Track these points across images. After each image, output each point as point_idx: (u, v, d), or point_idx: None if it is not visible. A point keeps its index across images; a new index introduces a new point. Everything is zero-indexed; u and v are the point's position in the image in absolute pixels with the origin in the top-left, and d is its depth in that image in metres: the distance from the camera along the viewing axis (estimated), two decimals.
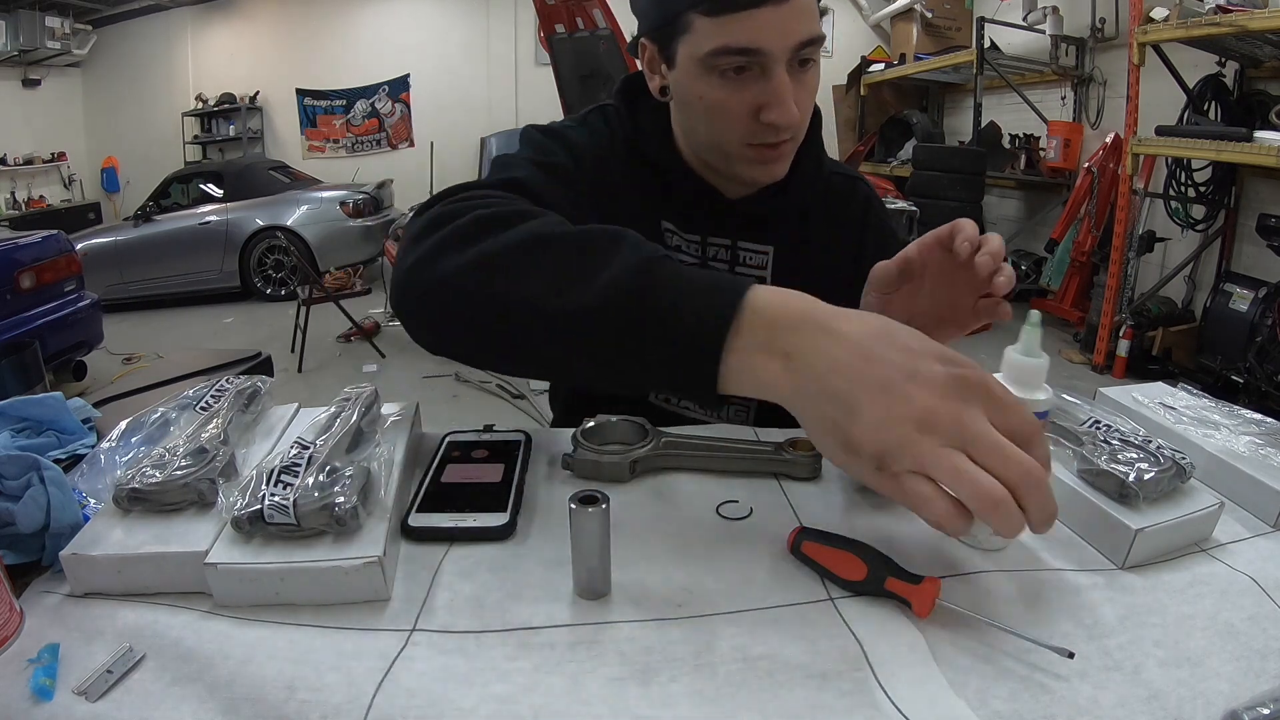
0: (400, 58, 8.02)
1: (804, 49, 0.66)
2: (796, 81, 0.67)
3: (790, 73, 0.66)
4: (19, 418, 0.67)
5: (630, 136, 0.81)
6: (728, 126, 0.69)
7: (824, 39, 0.68)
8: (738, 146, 0.71)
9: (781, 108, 0.66)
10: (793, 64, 0.66)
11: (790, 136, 0.70)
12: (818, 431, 0.44)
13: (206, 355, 1.64)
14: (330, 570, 0.48)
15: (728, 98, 0.67)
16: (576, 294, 0.48)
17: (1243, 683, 0.43)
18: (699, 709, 0.41)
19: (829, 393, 0.43)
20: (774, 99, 0.66)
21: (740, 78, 0.66)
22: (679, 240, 0.80)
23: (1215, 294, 3.80)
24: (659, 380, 0.48)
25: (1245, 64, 3.76)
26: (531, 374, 0.60)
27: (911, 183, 5.33)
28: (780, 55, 0.65)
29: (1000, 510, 0.39)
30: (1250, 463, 0.61)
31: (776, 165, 0.73)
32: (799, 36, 0.64)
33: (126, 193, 8.01)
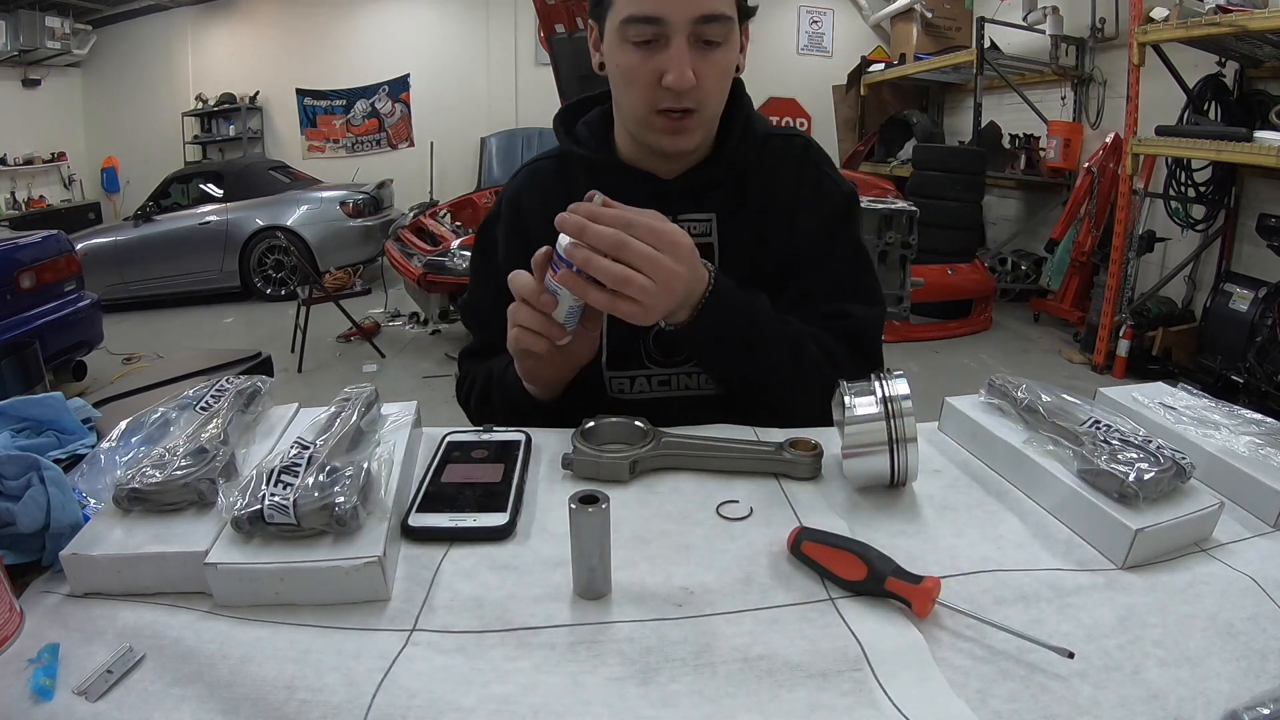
0: (400, 58, 8.03)
1: (705, 24, 0.73)
2: (702, 58, 0.74)
3: (695, 49, 0.74)
4: (19, 418, 0.67)
5: (565, 153, 0.91)
6: (638, 93, 0.78)
7: (730, 20, 0.75)
8: (647, 113, 0.78)
9: (677, 72, 0.73)
10: (695, 40, 0.74)
11: (693, 107, 0.77)
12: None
13: (206, 355, 1.64)
14: (330, 570, 0.48)
15: (637, 64, 0.75)
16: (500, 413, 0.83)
17: (1243, 683, 0.43)
18: (699, 709, 0.41)
19: None
20: (671, 64, 0.73)
21: (649, 48, 0.75)
22: None
23: (1215, 294, 3.80)
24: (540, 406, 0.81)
25: (1245, 64, 3.76)
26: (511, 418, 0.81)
27: (911, 183, 5.34)
28: (680, 26, 0.72)
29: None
30: (1250, 463, 0.60)
31: (683, 137, 0.79)
32: (698, 10, 0.72)
33: (126, 193, 8.01)
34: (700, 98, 0.76)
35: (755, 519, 0.58)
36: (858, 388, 0.61)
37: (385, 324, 4.98)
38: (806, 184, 0.87)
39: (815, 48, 8.06)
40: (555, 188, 0.90)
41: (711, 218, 0.86)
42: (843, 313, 0.84)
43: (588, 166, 0.88)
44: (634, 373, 0.88)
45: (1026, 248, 5.56)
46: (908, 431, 0.58)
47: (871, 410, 0.59)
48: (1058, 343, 4.57)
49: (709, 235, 0.85)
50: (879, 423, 0.58)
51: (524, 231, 0.89)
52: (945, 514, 0.59)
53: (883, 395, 0.59)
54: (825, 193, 0.87)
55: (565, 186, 0.88)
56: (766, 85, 7.37)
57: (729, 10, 0.74)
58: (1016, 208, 6.00)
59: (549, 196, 0.88)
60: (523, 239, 0.87)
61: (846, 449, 0.59)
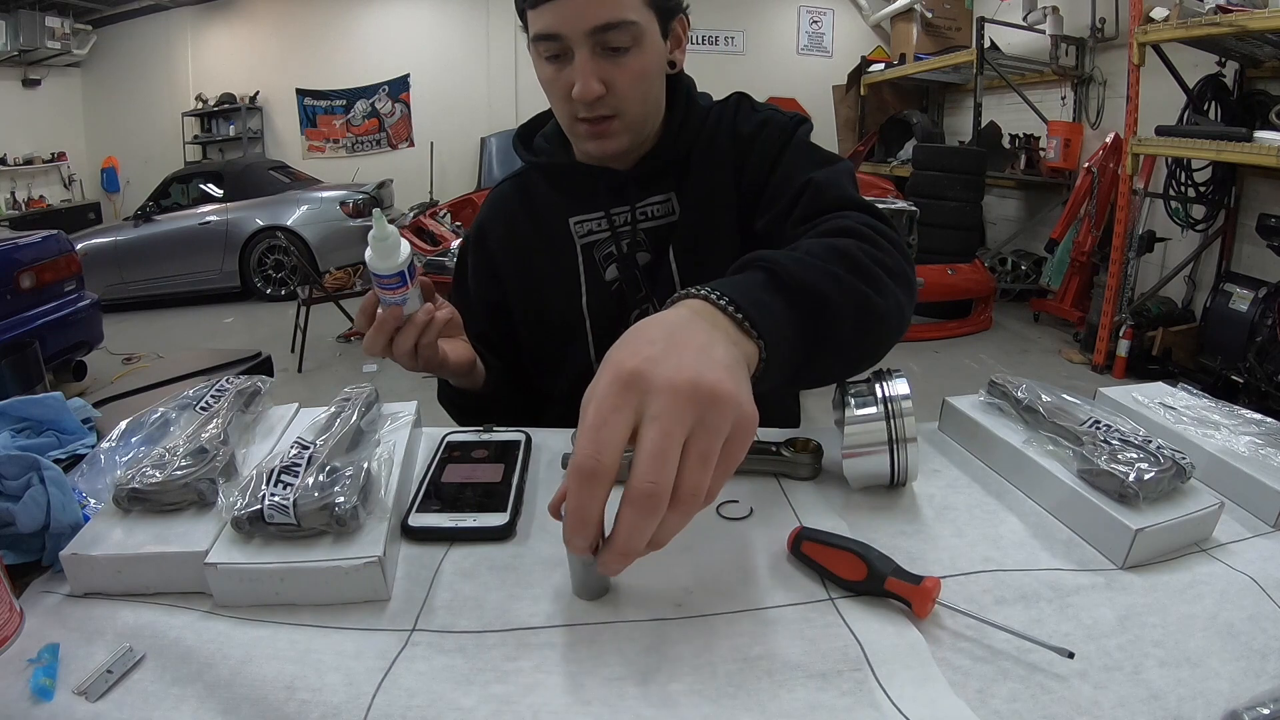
0: (400, 58, 8.02)
1: (604, 33, 0.73)
2: (611, 65, 0.75)
3: (603, 57, 0.75)
4: (19, 418, 0.67)
5: (527, 169, 0.94)
6: (557, 105, 0.81)
7: (634, 25, 0.74)
8: (570, 123, 0.81)
9: (580, 84, 0.74)
10: (600, 49, 0.75)
11: (611, 114, 0.78)
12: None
13: (206, 355, 1.63)
14: (330, 570, 0.48)
15: (552, 78, 0.78)
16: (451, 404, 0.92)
17: (1243, 683, 0.42)
18: (699, 709, 0.41)
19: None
20: (575, 76, 0.75)
21: (558, 61, 0.77)
22: (588, 225, 0.90)
23: (1215, 294, 3.80)
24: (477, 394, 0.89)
25: (1245, 64, 3.76)
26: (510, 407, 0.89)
27: (911, 183, 5.33)
28: (577, 39, 0.74)
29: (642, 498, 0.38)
30: (1250, 463, 0.60)
31: (607, 141, 0.81)
32: (593, 20, 0.73)
33: (126, 193, 8.01)
34: (616, 104, 0.77)
35: (755, 519, 0.58)
36: (858, 388, 0.61)
37: None
38: (744, 125, 0.87)
39: (815, 48, 8.05)
40: (517, 206, 0.94)
41: (671, 195, 0.88)
42: (803, 185, 0.76)
43: (548, 174, 0.91)
44: None
45: (1026, 248, 5.56)
46: (908, 431, 0.58)
47: (871, 410, 0.59)
48: (1058, 343, 4.56)
49: (672, 214, 0.88)
50: (879, 423, 0.58)
51: (490, 259, 0.94)
52: (945, 514, 0.59)
53: (883, 395, 0.59)
54: (765, 125, 0.85)
55: (527, 202, 0.94)
56: (766, 85, 7.37)
57: (631, 15, 0.74)
58: (1016, 208, 6.00)
59: (512, 218, 0.94)
60: (489, 265, 0.94)
61: (846, 449, 0.59)
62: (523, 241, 0.93)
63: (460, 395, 0.87)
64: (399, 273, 0.65)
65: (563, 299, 0.90)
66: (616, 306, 0.90)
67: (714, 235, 0.86)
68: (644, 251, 0.89)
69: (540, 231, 0.91)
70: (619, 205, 0.88)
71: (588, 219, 0.90)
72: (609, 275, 0.89)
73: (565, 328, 0.90)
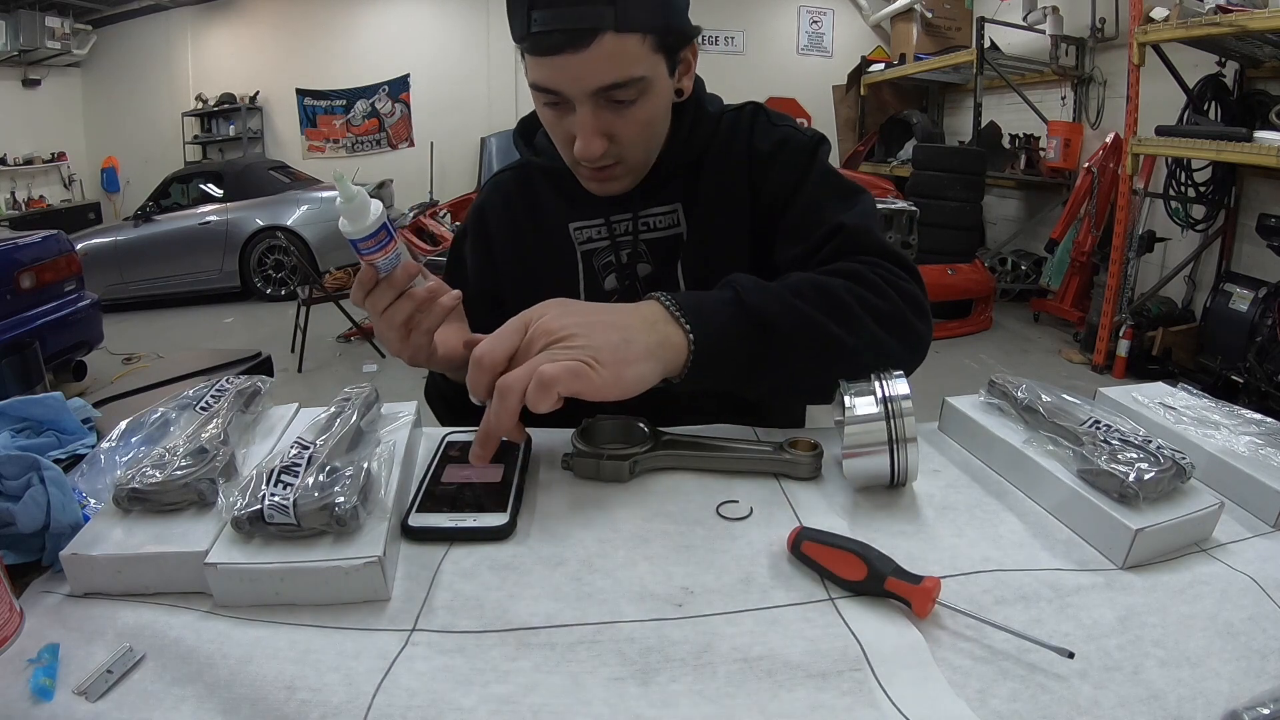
0: (400, 58, 8.02)
1: (609, 91, 0.69)
2: (616, 116, 0.72)
3: (605, 109, 0.71)
4: (19, 418, 0.67)
5: (525, 165, 0.89)
6: (559, 145, 0.78)
7: (640, 80, 0.70)
8: (572, 164, 0.79)
9: (582, 142, 0.72)
10: (603, 102, 0.71)
11: (614, 160, 0.76)
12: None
13: (206, 355, 1.63)
14: (330, 570, 0.48)
15: (554, 122, 0.75)
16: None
17: (1243, 683, 0.42)
18: (699, 709, 0.41)
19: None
20: (578, 132, 0.72)
21: (558, 109, 0.73)
22: (588, 232, 0.87)
23: (1215, 294, 3.80)
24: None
25: (1245, 64, 3.76)
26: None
27: (911, 183, 5.33)
28: (580, 97, 0.70)
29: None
30: (1250, 463, 0.60)
31: (611, 184, 0.80)
32: (596, 83, 0.68)
33: (126, 193, 8.01)
34: (620, 152, 0.75)
35: (755, 519, 0.58)
36: (858, 388, 0.61)
37: None
38: (761, 141, 0.84)
39: (815, 48, 8.05)
40: (517, 198, 0.90)
41: (677, 207, 0.85)
42: (834, 229, 0.75)
43: (548, 175, 0.88)
44: None
45: (1026, 248, 5.56)
46: (908, 431, 0.58)
47: (871, 410, 0.59)
48: (1058, 343, 4.57)
49: (677, 225, 0.85)
50: (879, 423, 0.58)
51: (488, 244, 0.91)
52: (945, 514, 0.59)
53: (883, 395, 0.59)
54: (784, 142, 0.83)
55: (528, 196, 0.90)
56: (766, 85, 7.38)
57: (639, 70, 0.69)
58: (1016, 208, 6.00)
59: (511, 207, 0.90)
60: (487, 251, 0.91)
61: (846, 449, 0.59)
62: (522, 237, 0.89)
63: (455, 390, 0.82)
64: (376, 231, 0.61)
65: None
66: None
67: (725, 250, 0.83)
68: (645, 263, 0.86)
69: (540, 232, 0.89)
70: (620, 213, 0.85)
71: (588, 225, 0.87)
72: (608, 285, 0.87)
73: None
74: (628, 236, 0.86)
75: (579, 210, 0.87)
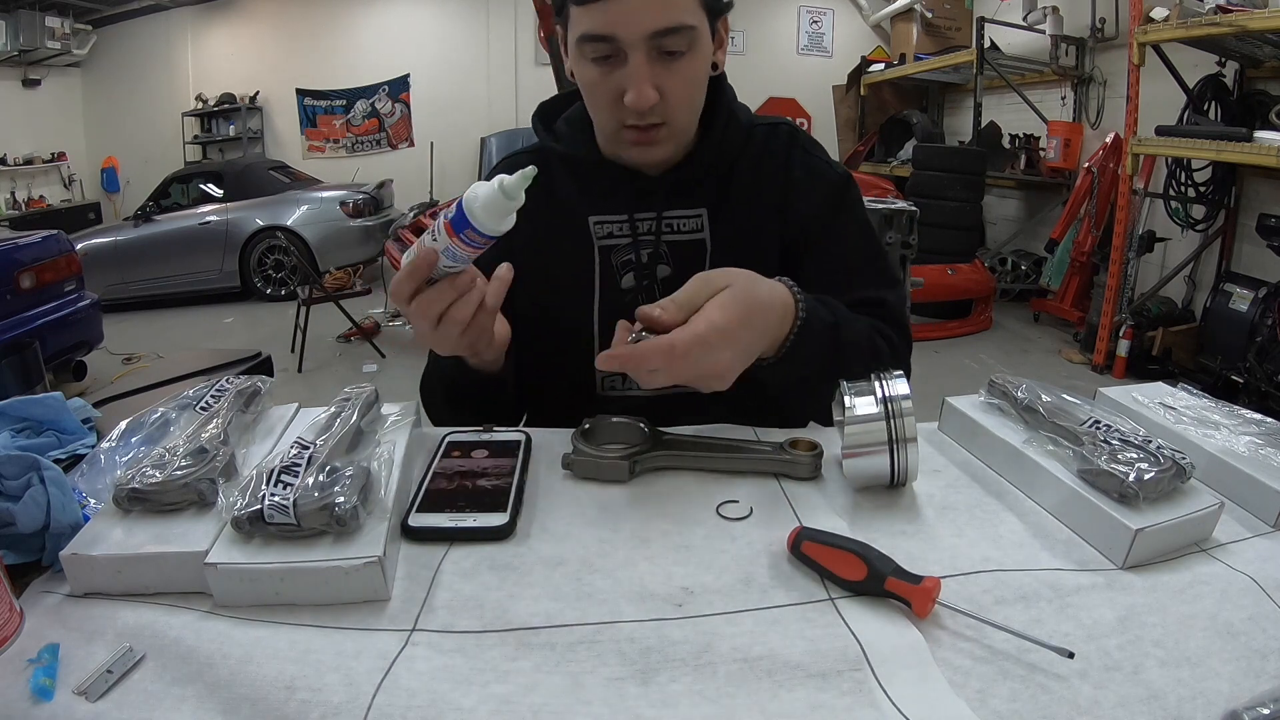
0: (400, 58, 8.02)
1: (662, 38, 0.69)
2: (665, 70, 0.71)
3: (656, 61, 0.71)
4: (19, 418, 0.67)
5: (544, 149, 0.87)
6: (602, 108, 0.76)
7: (693, 29, 0.71)
8: (614, 128, 0.76)
9: (635, 91, 0.70)
10: (655, 53, 0.70)
11: (661, 121, 0.74)
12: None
13: (206, 355, 1.64)
14: (330, 570, 0.48)
15: (598, 81, 0.73)
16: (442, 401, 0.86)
17: (1243, 683, 0.43)
18: (699, 709, 0.41)
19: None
20: (629, 83, 0.70)
21: (607, 64, 0.72)
22: (609, 227, 0.85)
23: (1215, 294, 3.80)
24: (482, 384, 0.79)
25: (1245, 64, 3.76)
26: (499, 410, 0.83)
27: (911, 183, 5.33)
28: (635, 42, 0.69)
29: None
30: (1250, 463, 0.60)
31: (653, 149, 0.77)
32: (652, 25, 0.68)
33: (126, 193, 8.01)
34: (667, 111, 0.74)
35: (755, 519, 0.58)
36: (858, 388, 0.61)
37: (385, 324, 4.97)
38: (796, 169, 0.85)
39: (815, 48, 8.05)
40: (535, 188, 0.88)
41: (702, 213, 0.84)
42: (878, 300, 0.81)
43: (568, 163, 0.86)
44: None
45: (1026, 248, 5.56)
46: (908, 431, 0.58)
47: (871, 410, 0.59)
48: (1058, 343, 4.56)
49: (700, 231, 0.84)
50: (879, 423, 0.58)
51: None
52: (945, 514, 0.59)
53: (883, 395, 0.59)
54: (817, 175, 0.85)
55: (546, 182, 0.86)
56: (766, 85, 7.37)
57: (690, 19, 0.70)
58: (1016, 208, 6.00)
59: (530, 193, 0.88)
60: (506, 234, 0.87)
61: (846, 449, 0.59)
62: (538, 224, 0.83)
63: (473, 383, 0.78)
64: (495, 236, 0.58)
65: (574, 299, 0.85)
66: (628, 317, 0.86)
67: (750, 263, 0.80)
68: (665, 265, 0.84)
69: (557, 221, 0.85)
70: (644, 211, 0.83)
71: (609, 220, 0.85)
72: (625, 284, 0.85)
73: (571, 330, 0.86)
74: (650, 236, 0.84)
75: (600, 203, 0.85)
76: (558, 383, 0.89)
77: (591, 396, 0.87)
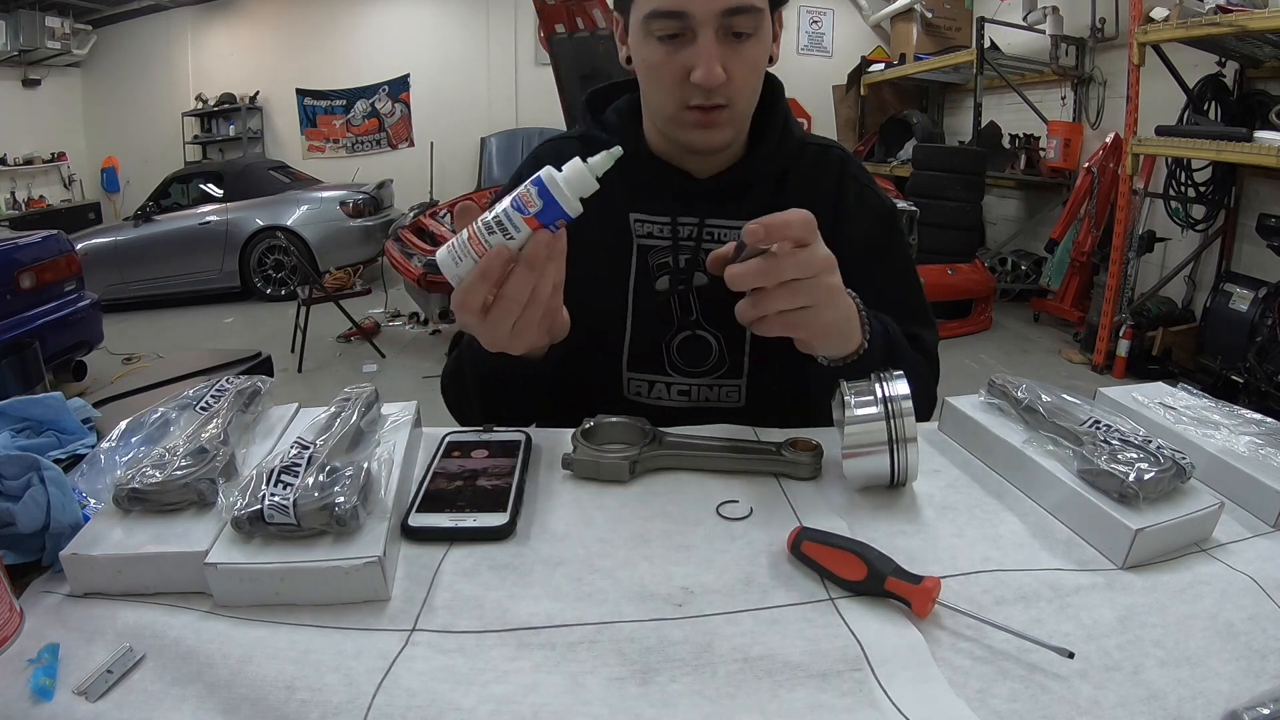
0: (400, 58, 8.02)
1: (732, 17, 0.70)
2: (731, 51, 0.71)
3: (723, 42, 0.71)
4: (19, 418, 0.67)
5: (590, 138, 0.85)
6: (665, 89, 0.74)
7: (761, 11, 0.72)
8: (676, 109, 0.75)
9: (704, 68, 0.70)
10: (724, 33, 0.71)
11: (724, 103, 0.74)
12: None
13: (206, 355, 1.64)
14: (330, 570, 0.48)
15: (664, 61, 0.72)
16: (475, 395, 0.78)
17: (1243, 683, 0.43)
18: (699, 709, 0.41)
19: None
20: (698, 60, 0.70)
21: (674, 42, 0.72)
22: (649, 226, 0.83)
23: (1215, 294, 3.80)
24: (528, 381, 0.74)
25: (1245, 64, 3.76)
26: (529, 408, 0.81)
27: (911, 183, 5.33)
28: (705, 19, 0.69)
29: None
30: (1250, 463, 0.60)
31: (715, 132, 0.76)
32: (724, 3, 0.69)
33: (126, 193, 8.01)
34: (731, 93, 0.73)
35: (755, 519, 0.58)
36: (858, 388, 0.61)
37: (385, 324, 4.98)
38: (848, 196, 0.85)
39: (815, 48, 8.05)
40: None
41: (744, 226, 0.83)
42: (913, 335, 0.81)
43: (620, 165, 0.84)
44: (654, 377, 0.86)
45: (1026, 248, 5.56)
46: (908, 431, 0.58)
47: (871, 410, 0.59)
48: (1058, 343, 4.57)
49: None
50: (879, 423, 0.58)
51: None
52: (945, 514, 0.59)
53: (883, 395, 0.59)
54: (868, 205, 0.85)
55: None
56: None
57: (758, 1, 0.71)
58: (1016, 208, 6.00)
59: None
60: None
61: (846, 449, 0.59)
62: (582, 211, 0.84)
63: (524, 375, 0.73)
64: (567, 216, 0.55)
65: (609, 293, 0.83)
66: (659, 321, 0.84)
67: None
68: (702, 273, 0.82)
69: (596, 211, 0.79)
70: (687, 216, 0.82)
71: (651, 220, 0.83)
72: (659, 285, 0.84)
73: (602, 332, 0.84)
74: (690, 242, 0.83)
75: (643, 201, 0.83)
76: (583, 382, 0.85)
77: (617, 399, 0.86)
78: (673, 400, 0.86)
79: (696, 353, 0.85)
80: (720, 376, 0.86)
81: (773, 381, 0.85)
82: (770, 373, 0.85)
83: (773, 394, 0.85)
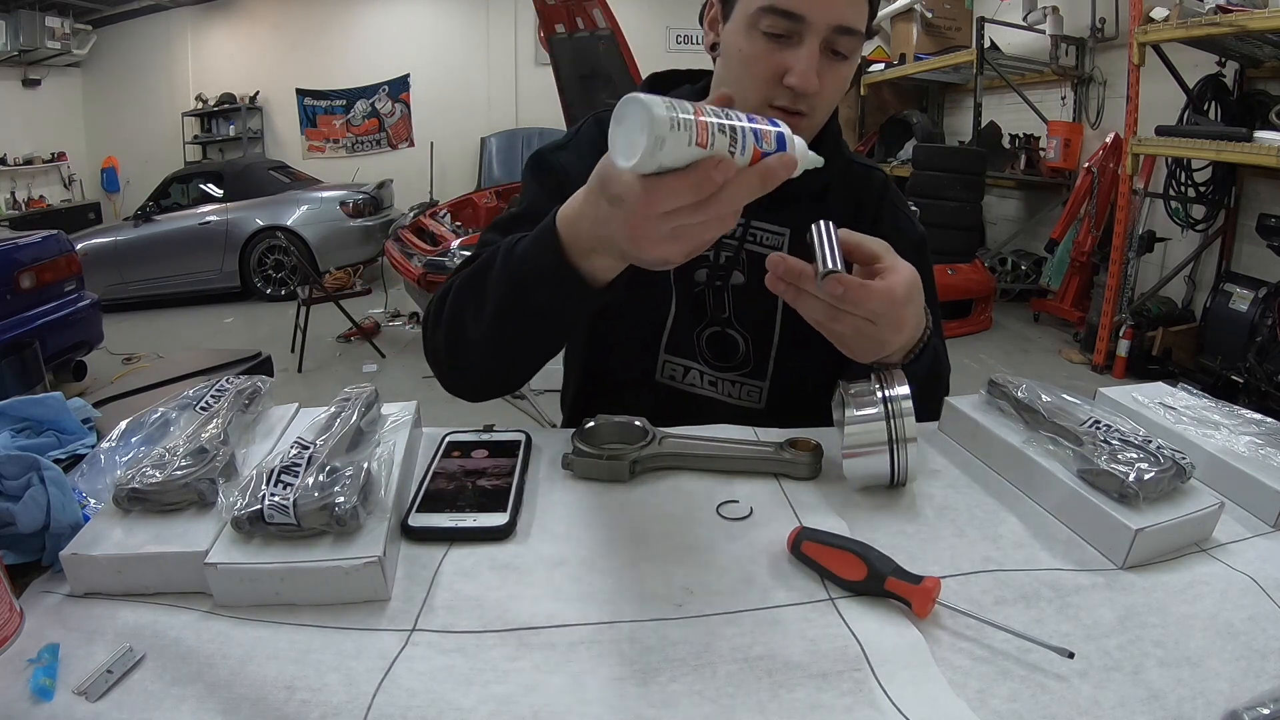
0: (400, 58, 8.03)
1: (840, 35, 0.71)
2: (827, 65, 0.73)
3: (824, 55, 0.72)
4: (19, 418, 0.67)
5: None
6: (755, 82, 0.74)
7: (861, 36, 0.73)
8: (760, 104, 0.75)
9: (804, 73, 0.71)
10: (825, 46, 0.72)
11: (806, 111, 0.74)
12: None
13: (206, 355, 1.63)
14: (330, 570, 0.48)
15: (762, 55, 0.73)
16: (487, 313, 0.66)
17: (1243, 683, 0.43)
18: (699, 709, 0.41)
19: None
20: (798, 63, 0.71)
21: (778, 41, 0.72)
22: None
23: (1215, 294, 3.80)
24: (566, 313, 0.64)
25: (1245, 64, 3.76)
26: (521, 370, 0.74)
27: (911, 183, 5.33)
28: (817, 28, 0.70)
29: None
30: (1250, 463, 0.60)
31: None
32: (840, 18, 0.71)
33: (126, 193, 8.01)
34: (815, 104, 0.74)
35: (755, 519, 0.58)
36: (858, 388, 0.61)
37: (385, 324, 4.98)
38: (885, 218, 0.86)
39: None
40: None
41: (785, 234, 0.84)
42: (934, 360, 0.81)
43: None
44: (688, 363, 0.88)
45: (1026, 248, 5.56)
46: (908, 431, 0.58)
47: (871, 410, 0.59)
48: (1058, 343, 4.57)
49: (780, 249, 0.84)
50: (879, 423, 0.58)
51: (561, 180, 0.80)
52: (945, 514, 0.59)
53: (883, 395, 0.59)
54: (903, 231, 0.86)
55: None
56: None
57: (862, 26, 0.73)
58: (1016, 208, 5.99)
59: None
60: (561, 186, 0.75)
61: (846, 449, 0.59)
62: None
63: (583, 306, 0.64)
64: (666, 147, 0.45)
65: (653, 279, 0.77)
66: (692, 314, 0.85)
67: None
68: (739, 271, 0.84)
69: None
70: None
71: None
72: (697, 277, 0.85)
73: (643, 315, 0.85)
74: (733, 240, 0.84)
75: None
76: (623, 358, 0.88)
77: (649, 380, 0.87)
78: (703, 388, 0.88)
79: (724, 349, 0.86)
80: (745, 375, 0.87)
81: (796, 387, 0.86)
82: (794, 378, 0.86)
83: (793, 400, 0.86)
